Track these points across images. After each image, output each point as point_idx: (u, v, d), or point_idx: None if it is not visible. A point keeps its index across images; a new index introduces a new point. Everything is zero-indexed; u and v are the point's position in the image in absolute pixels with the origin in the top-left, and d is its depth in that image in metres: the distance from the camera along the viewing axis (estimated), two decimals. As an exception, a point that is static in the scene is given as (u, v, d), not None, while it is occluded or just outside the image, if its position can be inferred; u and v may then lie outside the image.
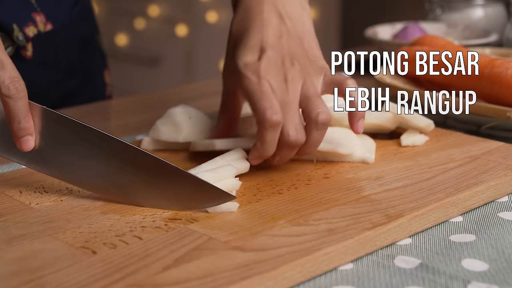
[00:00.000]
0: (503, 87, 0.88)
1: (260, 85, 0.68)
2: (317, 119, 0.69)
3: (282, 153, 0.71)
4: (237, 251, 0.57)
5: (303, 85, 0.70)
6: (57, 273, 0.54)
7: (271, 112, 0.67)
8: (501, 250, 0.61)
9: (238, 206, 0.65)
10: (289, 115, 0.69)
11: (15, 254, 0.58)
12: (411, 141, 0.82)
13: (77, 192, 0.70)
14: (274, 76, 0.69)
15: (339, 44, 2.78)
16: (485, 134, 0.91)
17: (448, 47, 1.02)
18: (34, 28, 0.95)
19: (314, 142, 0.70)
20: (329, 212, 0.64)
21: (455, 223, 0.67)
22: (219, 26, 2.69)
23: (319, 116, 0.69)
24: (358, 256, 0.60)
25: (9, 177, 0.74)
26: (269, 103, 0.67)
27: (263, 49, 0.71)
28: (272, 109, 0.67)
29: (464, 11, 1.43)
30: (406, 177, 0.73)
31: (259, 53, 0.71)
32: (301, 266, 0.56)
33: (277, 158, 0.72)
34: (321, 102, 0.70)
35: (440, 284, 0.56)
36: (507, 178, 0.73)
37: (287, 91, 0.69)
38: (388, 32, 1.39)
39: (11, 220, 0.64)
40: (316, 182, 0.72)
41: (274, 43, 0.71)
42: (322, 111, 0.69)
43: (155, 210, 0.65)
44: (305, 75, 0.71)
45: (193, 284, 0.52)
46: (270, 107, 0.67)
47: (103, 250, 0.58)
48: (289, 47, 0.71)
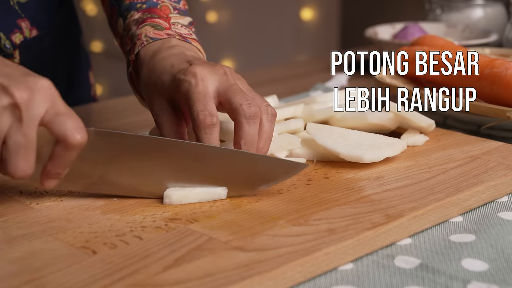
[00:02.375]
0: (503, 87, 0.88)
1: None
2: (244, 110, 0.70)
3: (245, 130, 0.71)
4: (237, 251, 0.57)
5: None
6: (57, 273, 0.54)
7: (247, 105, 0.70)
8: (501, 250, 0.61)
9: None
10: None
11: (16, 254, 0.58)
12: (411, 141, 0.82)
13: (77, 192, 0.70)
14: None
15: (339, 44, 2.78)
16: (485, 134, 0.91)
17: (448, 47, 1.02)
18: (20, 35, 0.94)
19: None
20: (329, 212, 0.64)
21: (455, 223, 0.67)
22: (219, 26, 2.69)
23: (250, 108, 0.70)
24: (358, 256, 0.60)
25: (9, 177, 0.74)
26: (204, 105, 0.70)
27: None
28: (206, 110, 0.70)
29: (464, 11, 1.43)
30: (406, 177, 0.73)
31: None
32: (301, 266, 0.56)
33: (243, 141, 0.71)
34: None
35: (440, 284, 0.56)
36: (507, 178, 0.73)
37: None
38: (388, 32, 1.39)
39: (11, 220, 0.64)
40: (316, 182, 0.72)
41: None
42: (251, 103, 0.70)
43: (155, 210, 0.65)
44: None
45: (193, 284, 0.53)
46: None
47: (103, 250, 0.58)
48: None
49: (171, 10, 0.84)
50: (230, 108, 0.70)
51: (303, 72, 1.33)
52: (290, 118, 0.84)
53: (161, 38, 0.79)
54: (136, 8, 0.84)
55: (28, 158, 0.60)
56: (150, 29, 0.80)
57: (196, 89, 0.70)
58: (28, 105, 0.60)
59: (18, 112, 0.59)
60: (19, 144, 0.60)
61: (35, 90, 0.60)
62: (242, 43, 2.65)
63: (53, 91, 0.61)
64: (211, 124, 0.68)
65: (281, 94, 1.10)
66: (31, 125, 0.60)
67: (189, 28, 0.83)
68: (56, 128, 0.61)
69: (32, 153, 0.61)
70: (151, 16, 0.82)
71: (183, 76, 0.71)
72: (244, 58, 2.69)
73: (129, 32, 0.82)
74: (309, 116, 0.85)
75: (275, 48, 2.68)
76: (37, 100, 0.60)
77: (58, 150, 0.62)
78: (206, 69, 0.71)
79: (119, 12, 0.85)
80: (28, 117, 0.60)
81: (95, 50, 2.74)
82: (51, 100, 0.61)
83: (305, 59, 2.67)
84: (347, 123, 0.83)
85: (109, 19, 0.89)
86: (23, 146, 0.60)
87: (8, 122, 0.60)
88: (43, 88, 0.61)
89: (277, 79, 1.28)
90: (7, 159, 0.60)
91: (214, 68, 0.72)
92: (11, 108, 0.59)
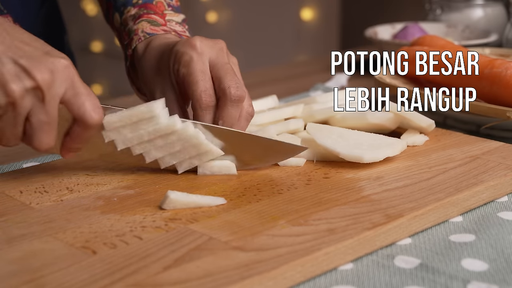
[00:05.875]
0: (503, 87, 0.88)
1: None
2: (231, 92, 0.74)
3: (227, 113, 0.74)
4: (237, 251, 0.57)
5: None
6: (57, 273, 0.54)
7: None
8: (501, 250, 0.61)
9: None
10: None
11: (15, 254, 0.58)
12: (411, 141, 0.82)
13: (77, 192, 0.70)
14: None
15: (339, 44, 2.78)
16: (485, 134, 0.91)
17: (448, 47, 1.02)
18: None
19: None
20: (329, 212, 0.64)
21: (455, 223, 0.67)
22: (219, 26, 2.69)
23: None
24: (358, 256, 0.60)
25: (9, 177, 0.74)
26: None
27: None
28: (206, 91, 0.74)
29: (464, 11, 1.43)
30: (406, 177, 0.73)
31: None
32: (301, 266, 0.56)
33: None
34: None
35: (440, 284, 0.56)
36: (507, 178, 0.73)
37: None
38: (388, 32, 1.39)
39: (11, 220, 0.64)
40: (316, 182, 0.72)
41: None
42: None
43: (155, 210, 0.65)
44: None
45: (193, 284, 0.53)
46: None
47: (103, 250, 0.58)
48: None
49: (166, 7, 0.86)
50: (219, 87, 0.74)
51: (303, 72, 1.33)
52: (290, 118, 0.84)
53: (157, 33, 0.82)
54: (132, 4, 0.86)
55: (50, 133, 0.65)
56: (147, 24, 0.83)
57: (197, 67, 0.74)
58: (49, 86, 0.64)
59: (40, 93, 0.64)
60: (43, 122, 0.65)
61: (55, 71, 0.64)
62: (242, 43, 2.65)
63: (71, 70, 0.65)
64: (211, 105, 0.73)
65: (281, 94, 1.10)
66: (53, 104, 0.64)
67: (182, 25, 0.86)
68: (75, 108, 0.66)
69: (54, 129, 0.65)
70: (147, 12, 0.84)
71: (183, 48, 0.75)
72: (244, 58, 2.68)
73: (126, 27, 0.85)
74: (309, 116, 0.85)
75: (275, 48, 2.68)
76: (57, 81, 0.64)
77: (77, 129, 0.67)
78: (205, 42, 0.75)
79: (115, 6, 0.88)
80: (50, 97, 0.64)
81: (95, 50, 2.74)
82: (70, 79, 0.65)
83: (305, 59, 2.67)
84: (347, 123, 0.83)
85: (105, 14, 0.91)
86: (46, 123, 0.65)
87: (31, 102, 0.64)
88: (63, 68, 0.65)
89: (277, 79, 1.28)
90: (32, 135, 0.65)
91: (213, 41, 0.76)
92: (33, 90, 0.63)
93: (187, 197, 0.66)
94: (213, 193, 0.69)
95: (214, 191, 0.70)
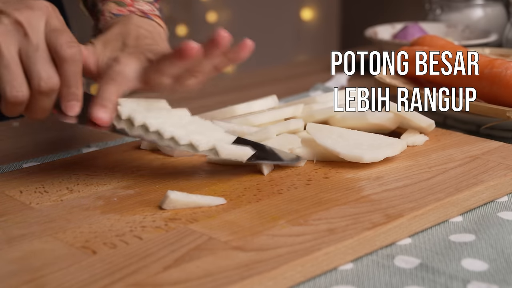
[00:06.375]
0: (503, 87, 0.88)
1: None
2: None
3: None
4: (237, 251, 0.57)
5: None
6: (57, 273, 0.54)
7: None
8: (501, 250, 0.61)
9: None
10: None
11: (15, 254, 0.58)
12: (411, 141, 0.82)
13: (77, 192, 0.70)
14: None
15: (339, 44, 2.78)
16: (485, 134, 0.91)
17: (448, 47, 1.02)
18: None
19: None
20: (329, 212, 0.64)
21: (455, 223, 0.67)
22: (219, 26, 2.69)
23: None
24: (358, 256, 0.60)
25: (9, 177, 0.74)
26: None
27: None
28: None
29: (464, 11, 1.43)
30: (406, 177, 0.73)
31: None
32: (301, 266, 0.56)
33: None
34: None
35: (440, 284, 0.56)
36: (507, 178, 0.73)
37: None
38: (388, 32, 1.39)
39: (11, 220, 0.64)
40: (316, 182, 0.72)
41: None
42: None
43: (155, 210, 0.65)
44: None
45: (193, 284, 0.53)
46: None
47: (103, 250, 0.58)
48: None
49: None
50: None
51: (303, 72, 1.33)
52: (290, 118, 0.84)
53: (123, 14, 0.82)
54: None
55: (45, 65, 0.65)
56: (114, 5, 0.83)
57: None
58: (29, 20, 0.65)
59: (21, 29, 0.65)
60: (34, 55, 0.65)
61: (33, 7, 0.66)
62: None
63: (50, 9, 0.67)
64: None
65: (281, 94, 1.10)
66: (37, 35, 0.65)
67: (153, 4, 0.86)
68: (52, 43, 0.66)
69: (48, 61, 0.66)
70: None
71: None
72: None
73: (95, 8, 0.86)
74: (309, 116, 0.85)
75: (275, 48, 2.68)
76: (36, 15, 0.66)
77: (61, 69, 0.66)
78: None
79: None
80: (32, 29, 0.65)
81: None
82: (47, 15, 0.66)
83: (305, 59, 2.67)
84: (347, 123, 0.83)
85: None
86: (39, 56, 0.65)
87: (16, 40, 0.65)
88: (41, 6, 0.66)
89: (277, 79, 1.28)
90: (31, 71, 0.65)
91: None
92: (15, 27, 0.65)
93: (187, 197, 0.66)
94: (213, 193, 0.69)
95: (214, 191, 0.70)
